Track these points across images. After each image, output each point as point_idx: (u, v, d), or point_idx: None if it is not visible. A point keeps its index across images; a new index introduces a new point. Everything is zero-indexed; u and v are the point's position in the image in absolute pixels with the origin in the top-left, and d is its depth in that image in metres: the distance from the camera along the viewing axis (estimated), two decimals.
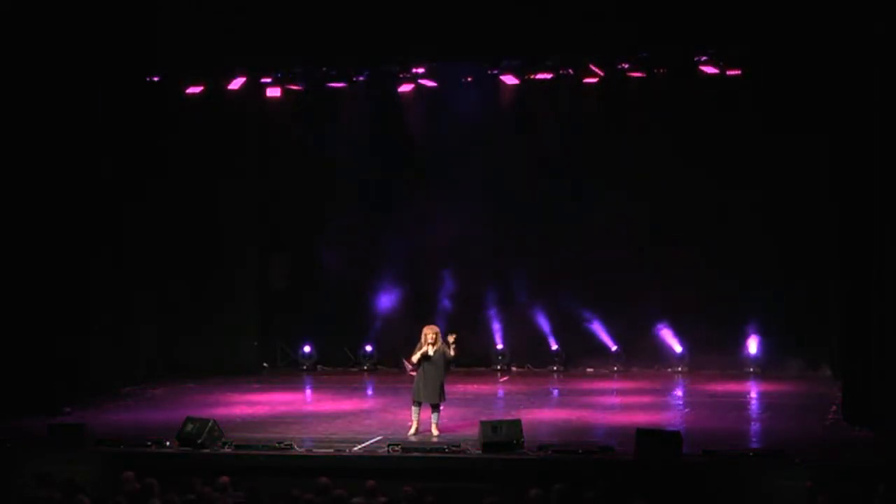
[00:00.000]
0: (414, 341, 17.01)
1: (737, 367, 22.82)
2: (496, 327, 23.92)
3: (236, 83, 22.13)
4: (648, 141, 22.60)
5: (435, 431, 16.85)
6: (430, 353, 16.69)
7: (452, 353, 16.73)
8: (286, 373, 24.25)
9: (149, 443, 16.29)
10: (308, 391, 22.58)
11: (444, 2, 19.72)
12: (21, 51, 19.33)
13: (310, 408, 20.29)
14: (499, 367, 23.95)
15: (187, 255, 23.86)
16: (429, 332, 16.78)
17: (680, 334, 23.08)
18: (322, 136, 23.84)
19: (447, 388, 17.04)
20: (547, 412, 19.60)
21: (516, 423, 15.82)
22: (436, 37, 19.96)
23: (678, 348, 23.07)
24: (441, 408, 17.00)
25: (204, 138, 23.44)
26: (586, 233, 23.08)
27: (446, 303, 23.60)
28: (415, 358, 16.81)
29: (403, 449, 15.75)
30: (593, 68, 21.38)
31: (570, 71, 21.73)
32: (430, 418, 16.90)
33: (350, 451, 15.91)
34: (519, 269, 23.54)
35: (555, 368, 23.71)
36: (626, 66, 21.21)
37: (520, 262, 23.52)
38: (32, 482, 13.57)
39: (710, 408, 19.53)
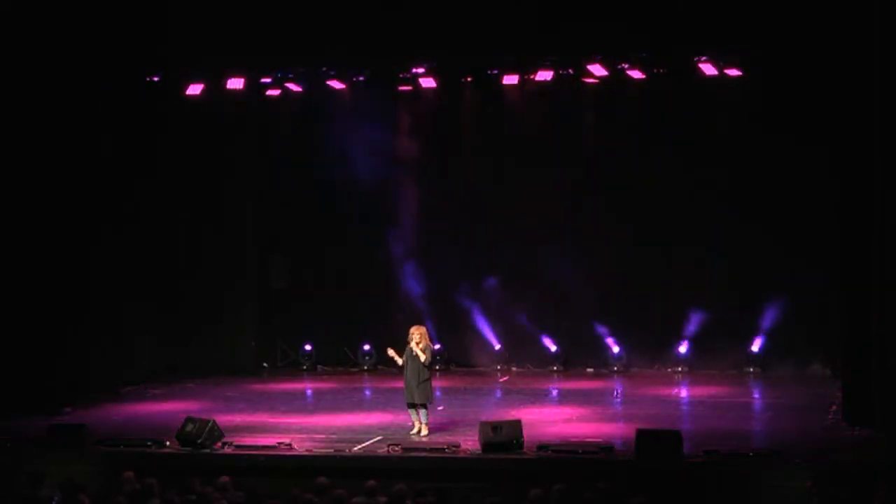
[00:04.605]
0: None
1: (737, 367, 22.83)
2: (496, 328, 23.92)
3: (236, 83, 22.13)
4: (648, 141, 22.58)
5: (424, 430, 16.88)
6: (414, 350, 16.74)
7: (423, 357, 16.75)
8: (286, 373, 24.25)
9: (149, 443, 16.30)
10: (308, 391, 22.56)
11: (444, 2, 19.73)
12: (21, 51, 19.32)
13: (309, 408, 20.27)
14: (499, 367, 23.95)
15: (187, 255, 23.85)
16: (414, 332, 16.89)
17: (680, 334, 23.10)
18: (322, 135, 23.83)
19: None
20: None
21: (516, 423, 15.81)
22: (436, 37, 19.96)
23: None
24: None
25: (204, 138, 23.44)
26: (586, 233, 23.07)
27: (447, 302, 23.62)
28: (396, 357, 16.95)
29: (403, 449, 15.75)
30: (592, 69, 21.37)
31: (570, 71, 21.72)
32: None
33: (350, 451, 15.92)
34: (519, 268, 23.54)
35: (555, 368, 23.70)
36: (626, 65, 21.19)
37: (519, 262, 23.50)
38: (32, 482, 13.56)
39: None
